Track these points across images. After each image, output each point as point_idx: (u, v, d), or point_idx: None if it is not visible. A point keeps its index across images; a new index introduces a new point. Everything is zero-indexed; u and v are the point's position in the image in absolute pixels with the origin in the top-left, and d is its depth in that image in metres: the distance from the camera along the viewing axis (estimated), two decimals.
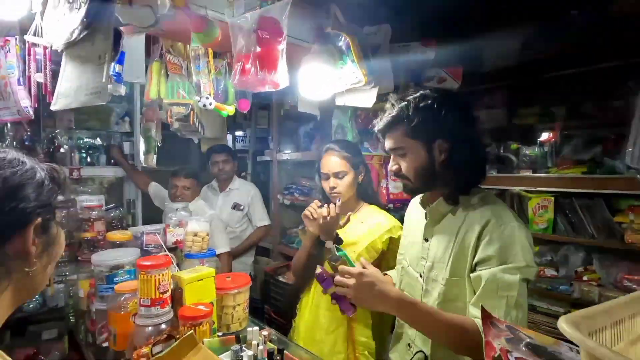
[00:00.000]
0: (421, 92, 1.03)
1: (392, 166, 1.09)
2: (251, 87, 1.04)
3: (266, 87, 1.02)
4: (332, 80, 1.28)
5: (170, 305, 1.24)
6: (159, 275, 1.17)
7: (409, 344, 1.15)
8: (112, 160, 2.67)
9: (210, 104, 1.18)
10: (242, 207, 2.80)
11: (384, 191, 2.38)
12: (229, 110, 1.28)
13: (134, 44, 2.00)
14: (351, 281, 0.99)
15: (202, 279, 1.29)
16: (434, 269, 1.06)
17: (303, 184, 3.26)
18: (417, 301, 0.99)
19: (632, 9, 1.63)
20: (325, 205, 1.39)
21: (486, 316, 0.66)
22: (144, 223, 2.68)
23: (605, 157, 1.80)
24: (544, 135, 2.03)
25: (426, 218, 1.11)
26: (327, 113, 2.50)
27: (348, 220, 1.43)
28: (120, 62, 1.01)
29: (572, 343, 0.63)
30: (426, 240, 1.10)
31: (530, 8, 1.90)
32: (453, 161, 1.00)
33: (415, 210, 1.24)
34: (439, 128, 1.00)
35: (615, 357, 0.30)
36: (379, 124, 1.07)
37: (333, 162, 1.49)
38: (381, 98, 1.44)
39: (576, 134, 1.92)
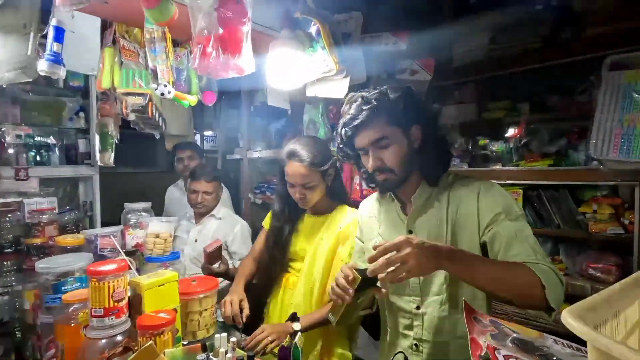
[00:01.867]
0: (385, 86, 1.08)
1: (373, 162, 1.06)
2: (214, 73, 0.95)
3: (230, 72, 0.94)
4: (302, 67, 1.21)
5: (128, 314, 1.13)
6: (113, 281, 1.05)
7: (415, 344, 1.09)
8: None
9: (169, 93, 1.07)
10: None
11: (357, 187, 2.34)
12: (191, 100, 1.18)
13: (87, 32, 1.84)
14: (406, 250, 0.81)
15: (163, 284, 1.19)
16: None
17: (275, 183, 3.18)
18: (456, 248, 0.94)
19: (592, 4, 1.68)
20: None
21: (469, 311, 0.62)
22: (104, 226, 2.50)
23: (569, 150, 1.85)
24: (513, 129, 2.07)
25: (403, 211, 1.13)
26: (298, 108, 2.43)
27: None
28: (59, 39, 0.89)
29: (556, 335, 0.60)
30: (410, 232, 1.10)
31: (497, 3, 1.93)
32: (428, 144, 1.07)
33: (372, 211, 1.26)
34: (415, 114, 1.06)
35: (634, 356, 0.26)
36: (356, 118, 1.04)
37: (299, 173, 1.34)
38: (353, 89, 1.39)
39: (542, 128, 1.97)
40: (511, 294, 0.88)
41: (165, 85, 1.06)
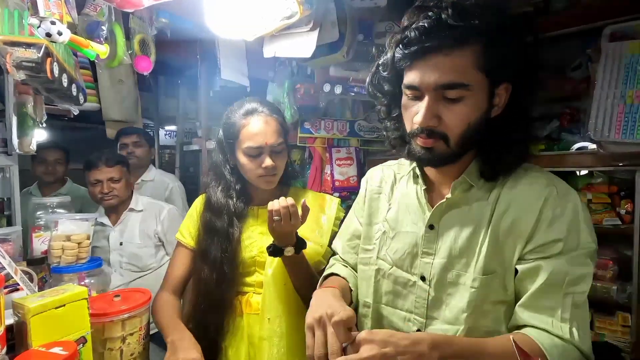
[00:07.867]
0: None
1: (426, 117, 0.68)
2: (121, 2, 0.65)
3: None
4: (254, 9, 0.92)
5: (5, 350, 0.80)
6: None
7: None
8: None
9: (60, 34, 0.75)
10: None
11: (328, 178, 2.08)
12: (98, 49, 0.85)
13: None
14: (373, 351, 0.59)
15: (63, 305, 0.86)
16: (452, 268, 0.76)
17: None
18: (451, 336, 0.70)
19: None
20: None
21: (523, 355, 0.36)
22: (25, 227, 2.08)
23: (563, 133, 1.68)
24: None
25: (427, 198, 0.81)
26: (261, 88, 2.14)
27: (307, 210, 0.97)
28: None
29: None
30: (431, 227, 0.79)
31: None
32: (511, 117, 0.71)
33: (383, 186, 0.92)
34: (519, 65, 0.68)
35: None
36: (429, 35, 0.65)
37: (270, 129, 1.03)
38: (322, 50, 1.12)
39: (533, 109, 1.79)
40: None
41: (53, 22, 0.73)
